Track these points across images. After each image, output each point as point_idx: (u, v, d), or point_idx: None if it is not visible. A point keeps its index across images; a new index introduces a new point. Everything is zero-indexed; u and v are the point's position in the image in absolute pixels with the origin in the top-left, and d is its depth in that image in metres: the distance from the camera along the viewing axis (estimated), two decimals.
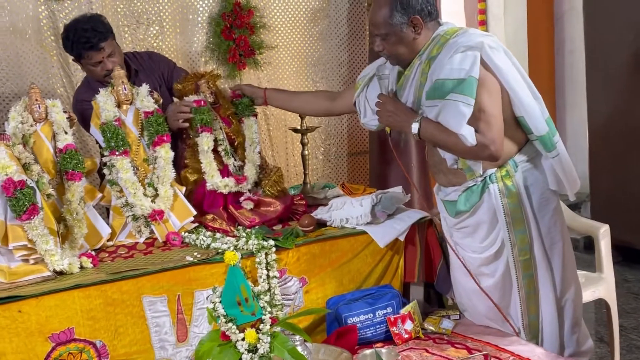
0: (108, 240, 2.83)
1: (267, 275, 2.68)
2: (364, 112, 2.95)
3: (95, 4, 3.62)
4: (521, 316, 2.67)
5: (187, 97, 3.10)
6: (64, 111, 2.77)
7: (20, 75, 3.54)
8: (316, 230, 2.91)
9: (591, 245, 3.50)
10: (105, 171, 2.88)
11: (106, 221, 2.87)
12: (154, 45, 3.85)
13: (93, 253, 2.68)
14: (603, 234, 3.32)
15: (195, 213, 2.92)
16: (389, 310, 2.80)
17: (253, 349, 2.25)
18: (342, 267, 2.88)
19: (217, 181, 2.97)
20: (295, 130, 3.46)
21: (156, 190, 2.89)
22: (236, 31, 3.96)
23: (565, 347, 2.71)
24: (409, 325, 2.76)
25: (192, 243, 2.81)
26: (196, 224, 2.94)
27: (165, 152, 2.90)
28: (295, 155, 4.23)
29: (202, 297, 2.59)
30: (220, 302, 2.28)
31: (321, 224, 2.98)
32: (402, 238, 2.93)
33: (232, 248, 2.67)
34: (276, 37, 4.14)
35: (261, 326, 2.28)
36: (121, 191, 2.86)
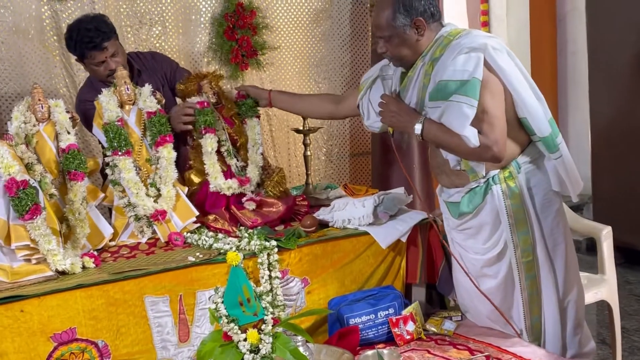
0: (110, 240, 2.83)
1: (269, 275, 2.68)
2: (368, 114, 2.95)
3: (98, 4, 3.63)
4: (524, 318, 2.67)
5: (190, 98, 3.10)
6: (67, 111, 2.78)
7: (23, 75, 3.55)
8: (318, 230, 2.91)
9: (593, 246, 3.50)
10: (107, 171, 2.88)
11: (108, 221, 2.87)
12: (157, 45, 3.85)
13: (95, 253, 2.68)
14: (605, 236, 3.31)
15: (197, 213, 2.92)
16: (391, 311, 2.79)
17: (255, 350, 2.25)
18: (344, 268, 2.88)
19: (221, 183, 2.97)
20: (297, 130, 3.46)
21: (158, 190, 2.89)
22: (239, 32, 3.96)
23: (567, 349, 2.70)
24: (411, 326, 2.76)
25: (194, 243, 2.81)
26: (198, 225, 2.94)
27: (167, 153, 2.90)
28: (297, 155, 4.23)
29: (204, 298, 2.59)
30: (222, 303, 2.28)
31: (323, 225, 2.98)
32: (404, 239, 2.93)
33: (234, 248, 2.67)
34: (279, 38, 4.15)
35: (263, 327, 2.28)
36: (123, 191, 2.86)
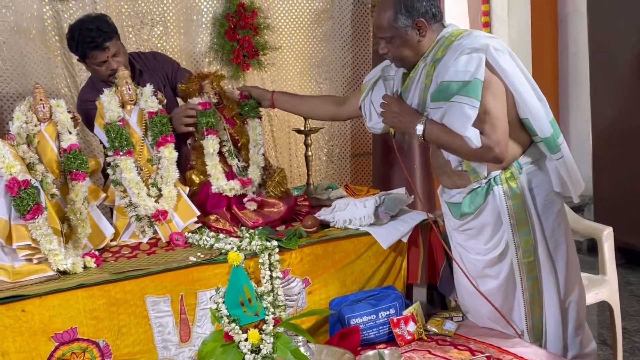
0: (111, 240, 2.83)
1: (270, 275, 2.68)
2: (370, 116, 2.95)
3: (99, 4, 3.64)
4: (525, 318, 2.67)
5: (191, 99, 3.10)
6: (68, 111, 2.79)
7: (24, 75, 3.55)
8: (319, 231, 2.91)
9: (594, 247, 3.50)
10: (109, 171, 2.88)
11: (110, 221, 2.87)
12: (158, 45, 3.86)
13: (96, 253, 2.68)
14: (606, 237, 3.31)
15: (198, 213, 2.92)
16: (392, 311, 2.79)
17: (256, 350, 2.25)
18: (345, 268, 2.88)
19: (223, 184, 2.97)
20: (298, 131, 3.46)
21: (160, 190, 2.89)
22: (240, 32, 3.96)
23: (568, 349, 2.70)
24: (412, 326, 2.76)
25: (196, 243, 2.81)
26: (199, 225, 2.94)
27: (169, 153, 2.90)
28: (298, 156, 4.23)
29: (206, 298, 2.59)
30: (223, 303, 2.28)
31: (324, 225, 2.98)
32: (405, 239, 2.93)
33: (236, 248, 2.67)
34: (280, 38, 4.15)
35: (264, 327, 2.28)
36: (125, 191, 2.86)
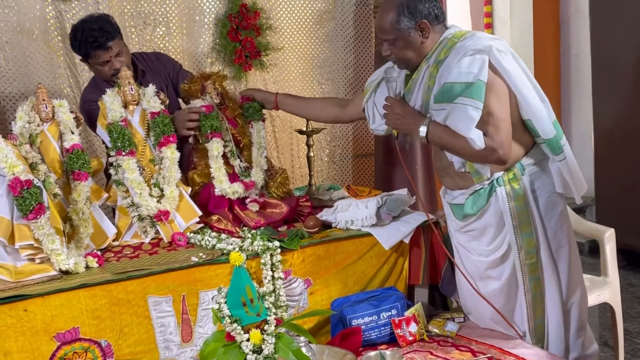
0: (114, 240, 2.84)
1: (272, 276, 2.68)
2: (373, 118, 2.95)
3: (102, 5, 3.64)
4: (527, 319, 2.67)
5: (193, 101, 3.10)
6: (71, 111, 2.79)
7: (27, 75, 3.55)
8: (321, 231, 2.92)
9: (596, 249, 3.49)
10: (111, 171, 2.89)
11: (112, 221, 2.88)
12: (161, 46, 3.86)
13: (99, 253, 2.68)
14: (608, 238, 3.31)
15: (200, 214, 2.92)
16: (394, 312, 2.79)
17: (258, 350, 2.25)
18: (347, 269, 2.88)
19: (226, 187, 2.97)
20: (300, 131, 3.47)
21: (162, 190, 2.90)
22: (242, 32, 3.97)
23: (570, 351, 2.70)
24: (414, 327, 2.76)
25: (198, 244, 2.82)
26: (201, 225, 2.94)
27: (171, 153, 2.90)
28: (300, 156, 4.23)
29: (207, 298, 2.60)
30: (225, 303, 2.27)
31: (326, 226, 2.98)
32: (407, 240, 2.93)
33: (238, 249, 2.67)
34: (282, 39, 4.15)
35: (266, 327, 2.28)
36: (127, 191, 2.86)
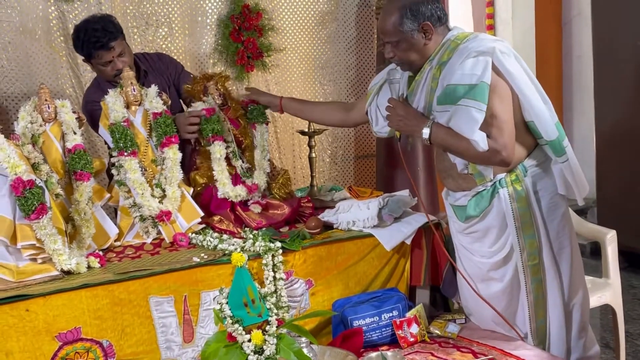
0: (115, 240, 2.84)
1: (274, 277, 2.68)
2: (376, 120, 2.95)
3: (104, 5, 3.64)
4: (529, 321, 2.67)
5: (194, 104, 3.11)
6: (73, 111, 2.79)
7: (29, 75, 3.55)
8: (323, 232, 2.92)
9: (597, 250, 3.50)
10: (113, 171, 2.89)
11: (114, 221, 2.88)
12: (163, 46, 3.86)
13: (100, 253, 2.69)
14: (610, 240, 3.31)
15: (202, 214, 2.92)
16: (395, 313, 2.80)
17: (259, 351, 2.25)
18: (349, 270, 2.89)
19: (229, 190, 2.97)
20: (302, 132, 3.47)
21: (164, 191, 2.90)
22: (244, 33, 3.97)
23: (571, 352, 2.70)
24: (415, 328, 2.76)
25: (199, 244, 2.82)
26: (203, 225, 2.95)
27: (173, 153, 2.91)
28: (302, 157, 4.24)
29: (209, 298, 2.60)
30: (226, 303, 2.28)
31: (328, 227, 2.99)
32: (409, 241, 2.94)
33: (239, 249, 2.68)
34: (284, 40, 4.15)
35: (267, 328, 2.28)
36: (129, 192, 2.87)
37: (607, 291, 3.25)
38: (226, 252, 2.68)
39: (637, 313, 4.25)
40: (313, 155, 3.46)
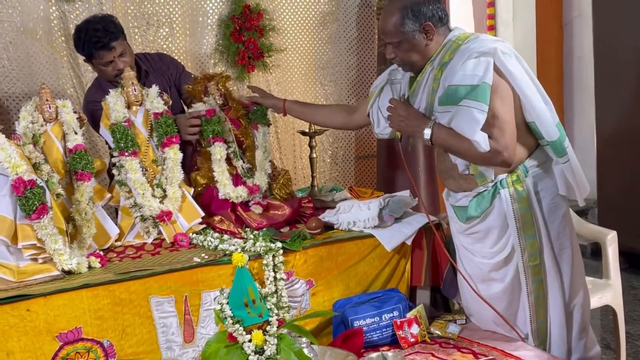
0: (116, 240, 2.84)
1: (274, 277, 2.68)
2: (378, 122, 2.94)
3: (105, 5, 3.65)
4: (530, 321, 2.67)
5: (195, 105, 3.11)
6: (74, 111, 2.79)
7: (30, 75, 3.56)
8: (323, 233, 2.92)
9: (598, 251, 3.49)
10: (114, 172, 2.89)
11: (115, 221, 2.88)
12: (164, 47, 3.86)
13: (101, 253, 2.69)
14: (610, 241, 3.31)
15: (203, 214, 2.93)
16: (396, 313, 2.80)
17: (260, 351, 2.25)
18: (349, 270, 2.89)
19: (229, 191, 2.97)
20: (303, 133, 3.47)
21: (164, 191, 2.90)
22: (245, 34, 3.97)
23: (572, 353, 2.70)
24: (415, 329, 2.76)
25: (200, 244, 2.82)
26: (204, 226, 2.95)
27: (174, 154, 2.91)
28: (303, 158, 4.24)
29: (210, 298, 2.60)
30: (227, 304, 2.28)
31: (328, 227, 2.99)
32: (409, 242, 2.94)
33: (240, 250, 2.68)
34: (285, 40, 4.15)
35: (268, 328, 2.28)
36: (130, 192, 2.87)
37: (608, 292, 3.25)
38: (227, 253, 2.68)
39: (638, 314, 4.25)
40: (314, 155, 3.46)
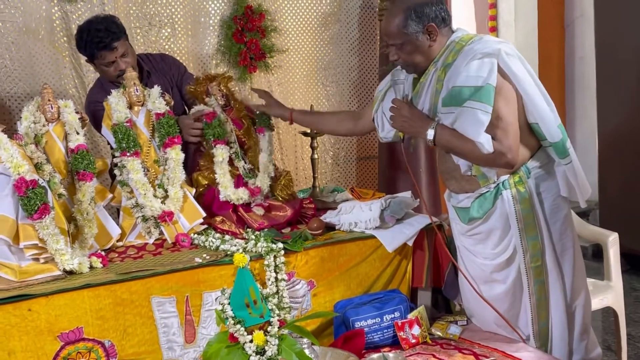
0: (118, 240, 2.84)
1: (276, 277, 2.68)
2: (382, 126, 2.94)
3: (107, 6, 3.65)
4: (531, 322, 2.67)
5: (197, 107, 3.11)
6: (76, 112, 2.80)
7: (32, 75, 3.56)
8: (325, 233, 2.92)
9: (599, 253, 3.49)
10: (116, 172, 2.89)
11: (116, 222, 2.88)
12: (166, 47, 3.87)
13: (103, 253, 2.69)
14: (612, 242, 3.31)
15: (204, 215, 2.93)
16: (397, 314, 2.80)
17: (261, 351, 2.25)
18: (350, 271, 2.88)
19: (230, 193, 2.97)
20: (304, 134, 3.47)
21: (166, 191, 2.90)
22: (247, 34, 3.97)
23: (573, 354, 2.70)
24: (417, 330, 2.76)
25: (201, 245, 2.82)
26: (205, 226, 2.95)
27: (175, 154, 2.91)
28: (304, 159, 4.24)
29: (211, 299, 2.60)
30: (228, 304, 2.28)
31: (330, 228, 2.99)
32: (411, 243, 2.93)
33: (241, 250, 2.68)
34: (287, 41, 4.16)
35: (269, 328, 2.29)
36: (131, 192, 2.87)
37: (609, 294, 3.25)
38: (228, 253, 2.68)
39: (639, 315, 4.25)
40: (315, 156, 3.46)
